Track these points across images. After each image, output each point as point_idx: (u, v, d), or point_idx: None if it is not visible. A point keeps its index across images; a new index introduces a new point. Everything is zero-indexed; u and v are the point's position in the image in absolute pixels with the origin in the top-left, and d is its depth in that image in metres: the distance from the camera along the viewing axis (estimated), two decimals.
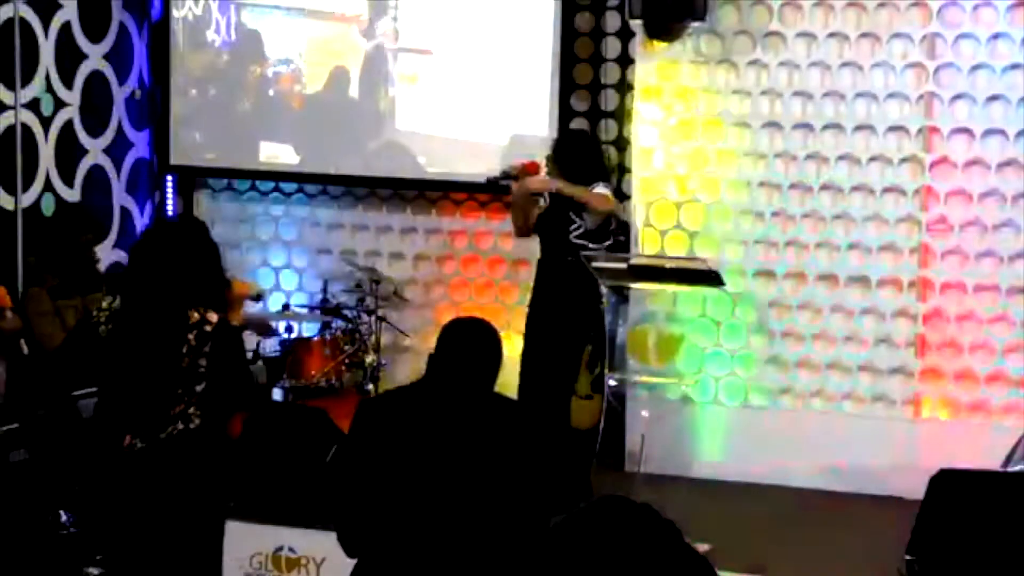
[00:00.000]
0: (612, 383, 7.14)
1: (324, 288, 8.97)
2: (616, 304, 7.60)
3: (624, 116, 8.52)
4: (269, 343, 8.59)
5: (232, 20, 9.05)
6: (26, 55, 8.01)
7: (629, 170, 8.31)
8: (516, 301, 8.70)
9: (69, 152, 8.40)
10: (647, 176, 8.15)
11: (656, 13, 7.77)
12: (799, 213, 7.98)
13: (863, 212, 7.88)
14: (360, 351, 8.51)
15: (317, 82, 8.98)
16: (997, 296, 7.72)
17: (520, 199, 7.48)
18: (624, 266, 7.10)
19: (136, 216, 9.06)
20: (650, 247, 8.08)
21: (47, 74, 8.19)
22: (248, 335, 8.00)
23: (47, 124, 8.20)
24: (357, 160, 8.93)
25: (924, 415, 7.84)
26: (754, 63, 8.00)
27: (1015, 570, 5.09)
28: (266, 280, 9.38)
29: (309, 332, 8.70)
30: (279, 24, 8.98)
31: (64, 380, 6.13)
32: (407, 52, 8.77)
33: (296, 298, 9.27)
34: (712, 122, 8.07)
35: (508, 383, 6.03)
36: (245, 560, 6.04)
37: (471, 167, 8.20)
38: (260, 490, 6.53)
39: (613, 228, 7.42)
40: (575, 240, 7.24)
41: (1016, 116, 7.64)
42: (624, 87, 8.53)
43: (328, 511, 4.19)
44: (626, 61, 8.50)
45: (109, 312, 4.74)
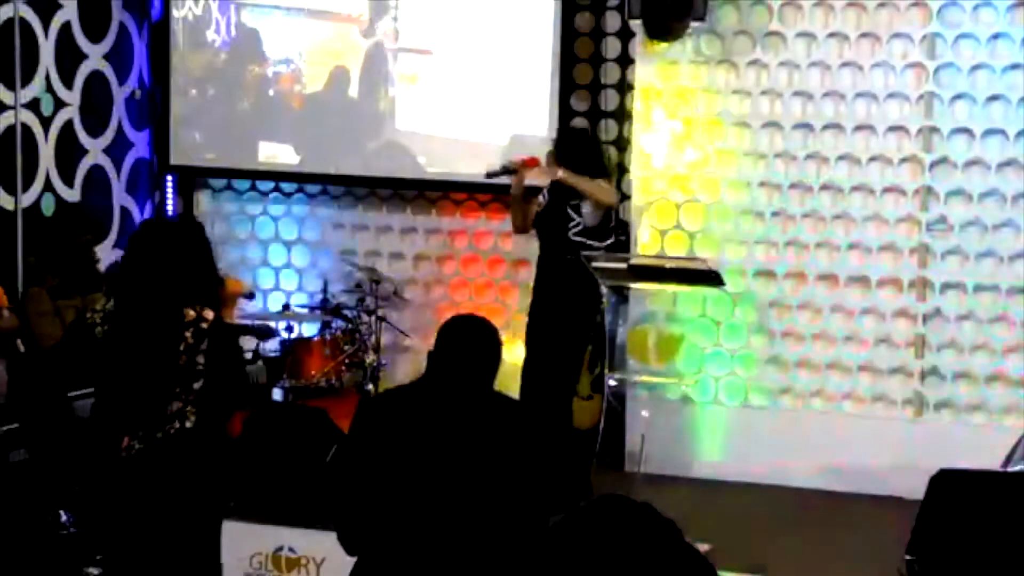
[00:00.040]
0: (612, 383, 7.14)
1: (324, 288, 8.97)
2: (616, 304, 7.60)
3: (624, 116, 8.52)
4: (269, 343, 8.59)
5: (232, 20, 9.05)
6: (26, 55, 8.01)
7: (629, 170, 8.31)
8: (516, 301, 8.71)
9: (69, 152, 8.40)
10: (647, 176, 8.15)
11: (656, 13, 7.76)
12: (799, 213, 7.98)
13: (863, 212, 7.88)
14: (360, 351, 8.51)
15: (317, 82, 8.97)
16: (997, 296, 7.72)
17: (519, 195, 7.47)
18: (624, 266, 7.10)
19: (136, 216, 9.05)
20: (650, 247, 8.08)
21: (47, 74, 8.19)
22: (247, 339, 8.03)
23: (47, 124, 8.20)
24: (357, 160, 8.92)
25: (924, 415, 7.84)
26: (754, 63, 8.00)
27: (1015, 570, 5.09)
28: (266, 280, 9.38)
29: (309, 332, 8.70)
30: (279, 24, 8.98)
31: (59, 381, 6.13)
32: (407, 52, 8.77)
33: (296, 298, 9.27)
34: (712, 122, 8.07)
35: (509, 384, 6.03)
36: (245, 560, 6.04)
37: (471, 167, 8.20)
38: (260, 490, 6.52)
39: (613, 225, 7.40)
40: (574, 237, 7.24)
41: (1016, 116, 7.64)
42: (624, 87, 8.53)
43: (328, 510, 4.19)
44: (626, 61, 8.51)
45: (104, 313, 4.73)
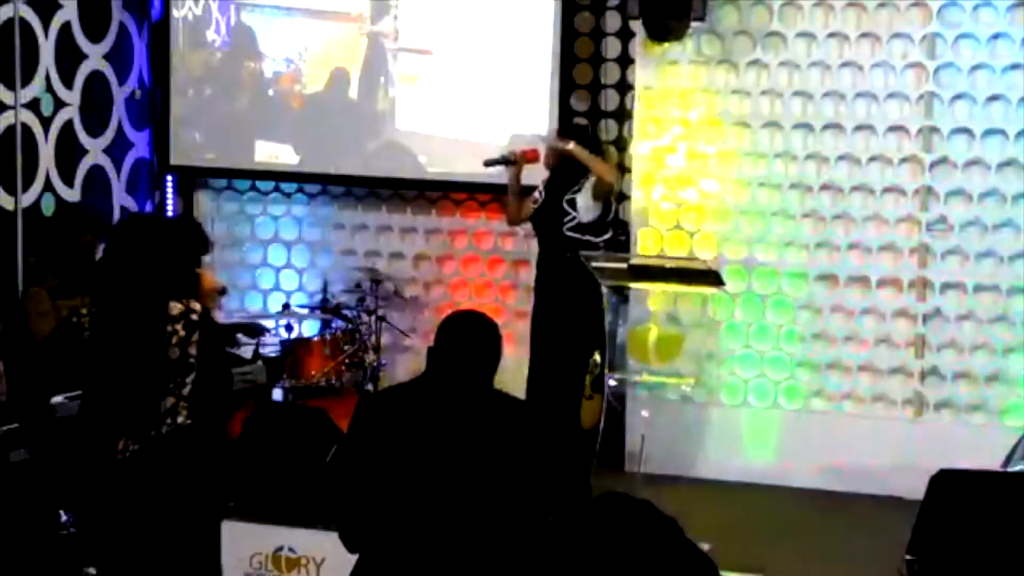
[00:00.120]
0: (612, 383, 7.13)
1: (324, 288, 8.98)
2: (616, 304, 7.59)
3: (624, 116, 8.52)
4: (270, 343, 8.58)
5: (232, 20, 9.06)
6: (26, 55, 8.01)
7: (629, 170, 8.30)
8: (516, 301, 8.71)
9: (69, 152, 8.40)
10: (647, 176, 8.14)
11: (656, 13, 7.76)
12: (799, 213, 7.98)
13: (863, 212, 7.88)
14: (360, 351, 8.52)
15: (317, 82, 8.98)
16: (997, 296, 7.72)
17: (516, 187, 7.47)
18: (624, 266, 7.09)
19: None
20: (650, 247, 8.08)
21: (47, 74, 8.19)
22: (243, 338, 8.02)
23: (47, 124, 8.20)
24: (357, 160, 8.92)
25: (924, 415, 7.84)
26: (754, 63, 8.00)
27: (1015, 570, 5.09)
28: (266, 280, 9.39)
29: (309, 332, 8.70)
30: (279, 24, 8.98)
31: (44, 383, 6.10)
32: (407, 52, 8.78)
33: (296, 298, 9.28)
34: (712, 122, 8.06)
35: (509, 385, 6.02)
36: (245, 560, 6.04)
37: (471, 167, 8.20)
38: (260, 490, 6.53)
39: (610, 220, 7.37)
40: (568, 232, 7.22)
41: (1016, 116, 7.64)
42: (624, 87, 8.54)
43: (329, 508, 4.19)
44: (626, 61, 8.51)
45: (89, 316, 4.71)
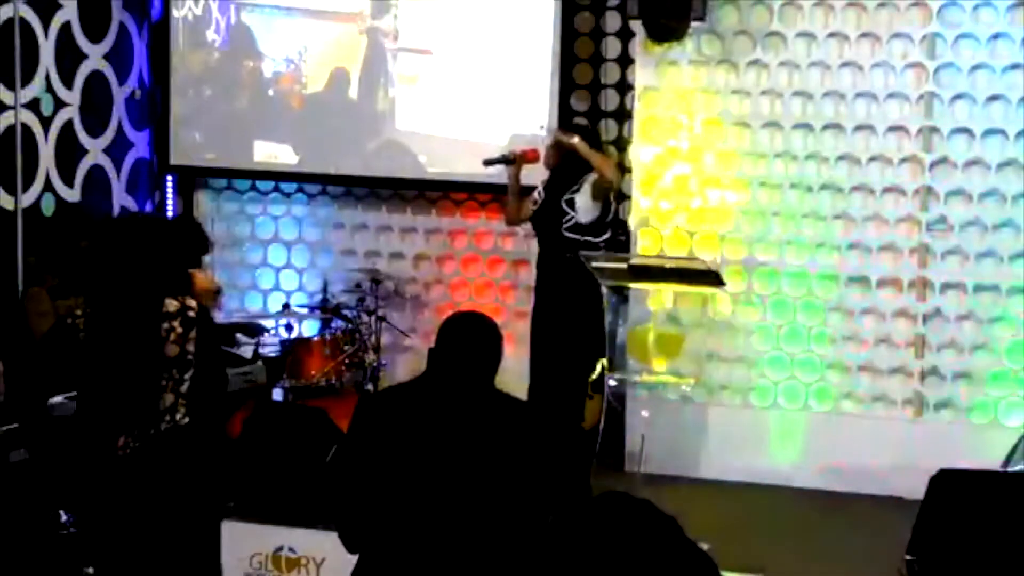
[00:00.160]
0: (612, 383, 7.13)
1: (324, 288, 8.98)
2: (616, 304, 7.58)
3: (624, 116, 8.52)
4: (270, 343, 8.59)
5: (232, 20, 9.06)
6: (26, 55, 8.01)
7: (629, 170, 8.30)
8: (516, 301, 8.71)
9: (69, 152, 8.40)
10: (647, 176, 8.14)
11: (656, 13, 7.76)
12: (799, 213, 7.98)
13: (863, 212, 7.88)
14: (360, 351, 8.52)
15: (317, 82, 8.98)
16: (997, 296, 7.72)
17: (516, 186, 7.47)
18: (624, 266, 7.09)
19: None
20: (650, 247, 8.08)
21: (47, 74, 8.19)
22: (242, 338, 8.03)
23: (47, 124, 8.20)
24: (357, 160, 8.93)
25: (924, 415, 7.84)
26: (754, 63, 8.00)
27: (1015, 570, 5.09)
28: (266, 280, 9.39)
29: (309, 332, 8.70)
30: (279, 24, 8.98)
31: (42, 384, 6.10)
32: (407, 52, 8.78)
33: (296, 298, 9.28)
34: (712, 122, 8.06)
35: (510, 385, 6.01)
36: (245, 560, 6.04)
37: (471, 167, 8.20)
38: (260, 490, 6.52)
39: (609, 220, 7.36)
40: (566, 232, 7.22)
41: (1016, 116, 7.63)
42: (624, 87, 8.54)
43: (329, 508, 4.19)
44: (626, 61, 8.51)
45: (84, 316, 4.70)
